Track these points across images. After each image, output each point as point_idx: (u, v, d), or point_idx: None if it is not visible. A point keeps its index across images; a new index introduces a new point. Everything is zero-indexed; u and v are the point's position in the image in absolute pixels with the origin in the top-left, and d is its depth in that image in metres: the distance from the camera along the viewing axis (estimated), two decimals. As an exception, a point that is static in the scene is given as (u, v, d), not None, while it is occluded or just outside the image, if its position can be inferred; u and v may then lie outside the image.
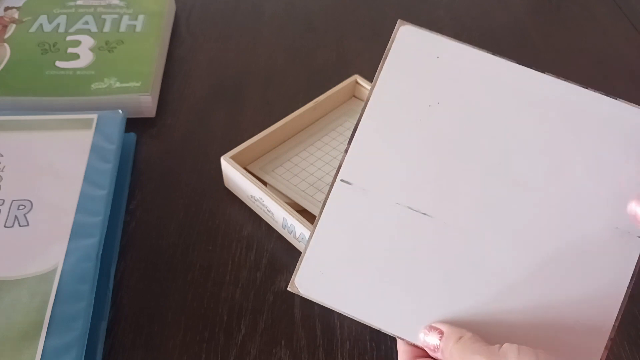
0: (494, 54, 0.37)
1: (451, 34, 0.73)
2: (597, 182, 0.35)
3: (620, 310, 0.34)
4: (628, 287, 0.34)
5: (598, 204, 0.35)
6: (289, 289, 0.35)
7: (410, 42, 0.37)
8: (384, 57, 0.37)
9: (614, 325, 0.34)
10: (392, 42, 0.37)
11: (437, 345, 0.33)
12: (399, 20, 0.37)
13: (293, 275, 0.35)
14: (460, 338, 0.32)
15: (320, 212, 0.36)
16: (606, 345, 0.34)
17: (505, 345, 0.30)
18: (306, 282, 0.35)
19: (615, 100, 0.36)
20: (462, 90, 0.36)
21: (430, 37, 0.37)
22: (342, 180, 0.36)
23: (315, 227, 0.35)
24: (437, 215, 0.35)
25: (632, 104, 0.36)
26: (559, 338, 0.34)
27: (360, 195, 0.35)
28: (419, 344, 0.34)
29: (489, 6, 0.79)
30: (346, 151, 0.36)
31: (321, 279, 0.35)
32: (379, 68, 0.37)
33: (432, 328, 0.33)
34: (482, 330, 0.33)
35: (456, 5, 0.79)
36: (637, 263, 0.34)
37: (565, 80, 0.37)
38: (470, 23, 0.76)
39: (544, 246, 0.35)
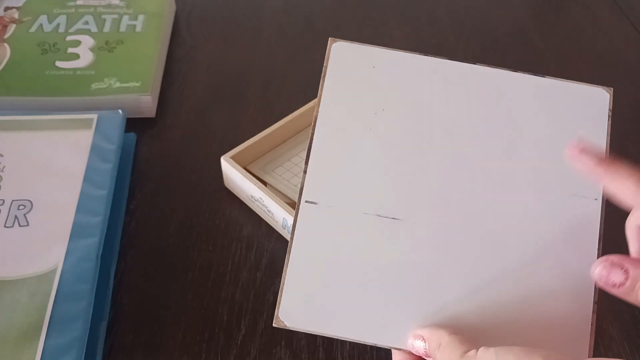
0: (424, 54, 0.38)
1: (451, 34, 0.74)
2: (547, 155, 0.36)
3: None
4: (598, 249, 0.35)
5: (552, 176, 0.36)
6: (274, 324, 0.34)
7: (344, 57, 0.38)
8: (322, 75, 0.38)
9: (595, 289, 0.34)
10: (327, 60, 0.38)
11: (425, 352, 0.33)
12: (330, 39, 0.38)
13: (276, 310, 0.34)
14: (439, 345, 0.32)
15: (291, 238, 0.35)
16: (593, 309, 0.34)
17: (481, 350, 0.30)
18: (291, 315, 0.34)
19: (543, 78, 0.38)
20: (403, 93, 0.37)
21: (362, 49, 0.38)
22: (306, 201, 0.35)
23: (288, 255, 0.35)
24: (406, 217, 0.35)
25: (556, 78, 0.38)
26: (546, 316, 0.34)
27: (327, 213, 0.35)
28: (410, 350, 0.34)
29: (489, 6, 0.79)
30: (305, 172, 0.36)
31: (305, 307, 0.34)
32: (320, 86, 0.38)
33: (416, 336, 0.33)
34: (468, 328, 0.33)
35: (456, 5, 0.79)
36: (600, 223, 0.35)
37: (496, 67, 0.38)
38: (470, 23, 0.76)
39: (513, 227, 0.35)
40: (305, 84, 0.65)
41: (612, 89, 0.38)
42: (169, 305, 0.45)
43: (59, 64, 0.61)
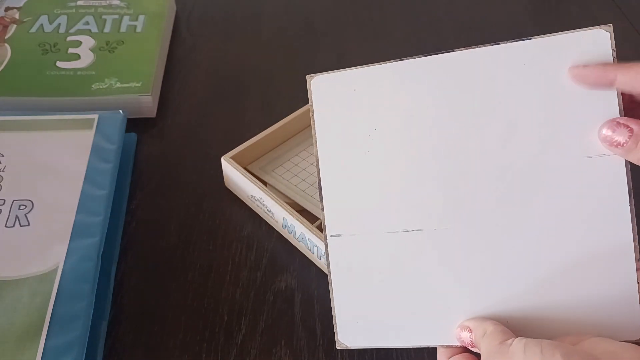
0: (400, 59, 0.37)
1: (451, 34, 0.74)
2: (554, 121, 0.34)
3: (633, 229, 0.33)
4: (631, 204, 0.33)
5: (562, 142, 0.34)
6: (337, 347, 0.37)
7: (325, 90, 0.38)
8: (311, 114, 0.38)
9: (635, 246, 0.33)
10: (311, 97, 0.38)
11: (471, 341, 0.34)
12: (307, 76, 0.39)
13: (335, 334, 0.38)
14: (484, 334, 0.33)
15: (329, 270, 0.38)
16: (638, 267, 0.33)
17: (515, 341, 0.31)
18: (348, 336, 0.37)
19: (530, 40, 0.34)
20: (389, 106, 0.37)
21: (338, 76, 0.38)
22: (331, 235, 0.38)
23: (330, 285, 0.38)
24: (424, 227, 0.36)
25: (543, 35, 0.34)
26: (588, 286, 0.34)
27: (353, 241, 0.37)
28: (459, 343, 0.35)
29: (488, 6, 0.79)
30: (322, 209, 0.38)
31: (358, 327, 0.37)
32: (312, 126, 0.38)
33: (462, 327, 0.35)
34: (509, 317, 0.34)
35: (456, 5, 0.79)
36: (627, 177, 0.33)
37: (475, 46, 0.36)
38: (470, 23, 0.76)
39: (536, 211, 0.34)
40: (305, 84, 0.65)
41: (611, 25, 0.33)
42: (169, 305, 0.45)
43: (59, 64, 0.61)
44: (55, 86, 0.59)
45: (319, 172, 0.38)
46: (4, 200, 0.46)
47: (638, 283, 0.33)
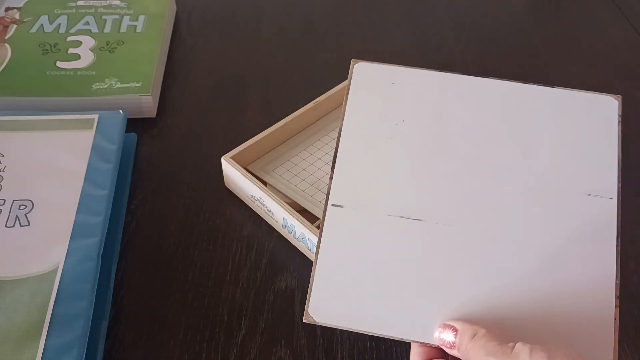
0: (438, 70, 0.41)
1: (451, 34, 0.74)
2: (561, 160, 0.38)
3: (617, 268, 0.36)
4: (617, 245, 0.36)
5: (567, 178, 0.38)
6: (304, 320, 0.36)
7: (365, 76, 0.41)
8: (346, 91, 0.41)
9: (616, 284, 0.35)
10: (350, 78, 0.41)
11: (453, 342, 0.33)
12: (352, 60, 0.42)
13: (305, 306, 0.36)
14: (474, 335, 0.32)
15: (319, 239, 0.37)
16: (616, 304, 0.35)
17: (518, 345, 0.30)
18: (319, 310, 0.36)
19: (553, 88, 0.41)
20: (421, 105, 0.40)
21: (382, 67, 0.42)
22: (333, 204, 0.38)
23: (317, 254, 0.37)
24: (428, 218, 0.37)
25: (565, 88, 0.41)
26: (570, 313, 0.35)
27: (352, 215, 0.37)
28: (436, 342, 0.34)
29: (488, 6, 0.79)
30: (331, 178, 0.38)
31: (332, 304, 0.36)
32: (344, 101, 0.41)
33: (446, 326, 0.34)
34: (494, 325, 0.34)
35: (456, 5, 0.79)
36: (617, 220, 0.37)
37: (507, 80, 0.41)
38: (470, 23, 0.76)
39: (532, 228, 0.37)
40: (305, 84, 0.65)
41: (620, 96, 0.40)
42: (169, 305, 0.45)
43: (59, 64, 0.61)
44: (56, 86, 0.59)
45: (337, 143, 0.39)
46: (4, 200, 0.46)
47: (615, 319, 0.35)
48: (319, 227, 0.37)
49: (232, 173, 0.51)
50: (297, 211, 0.46)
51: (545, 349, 0.29)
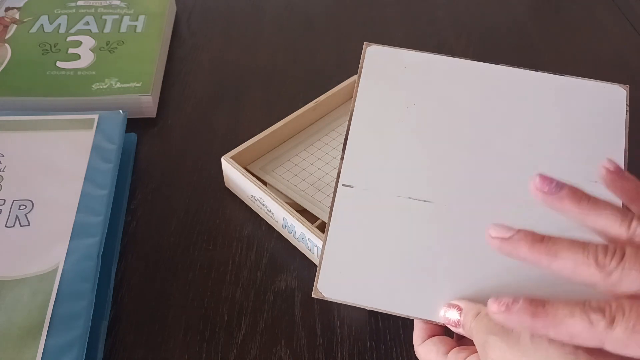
0: (451, 55, 0.42)
1: (451, 34, 0.74)
2: (568, 146, 0.39)
3: None
4: None
5: (573, 165, 0.38)
6: (313, 295, 0.36)
7: (378, 59, 0.42)
8: (358, 74, 0.41)
9: None
10: (363, 61, 0.42)
11: (457, 320, 0.34)
12: (365, 43, 0.43)
13: (315, 282, 0.36)
14: (478, 314, 0.33)
15: (330, 217, 0.38)
16: None
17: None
18: (328, 286, 0.36)
19: (562, 76, 0.41)
20: (432, 89, 0.41)
21: (394, 51, 0.43)
22: (343, 184, 0.38)
23: (327, 232, 0.37)
24: (437, 200, 0.38)
25: (574, 76, 0.42)
26: (572, 291, 0.34)
27: (362, 195, 0.38)
28: (441, 321, 0.35)
29: (489, 6, 0.79)
30: (342, 158, 0.39)
31: (341, 280, 0.37)
32: (355, 84, 0.41)
33: (451, 305, 0.35)
34: None
35: (456, 5, 0.79)
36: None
37: (518, 67, 0.42)
38: (470, 23, 0.76)
39: (540, 213, 0.35)
40: (305, 84, 0.65)
41: (628, 86, 0.41)
42: (169, 305, 0.45)
43: (59, 64, 0.61)
44: (56, 86, 0.59)
45: (349, 125, 0.40)
46: (4, 200, 0.46)
47: None
48: (330, 207, 0.38)
49: (232, 173, 0.51)
50: (297, 211, 0.46)
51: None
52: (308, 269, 0.47)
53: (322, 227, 0.46)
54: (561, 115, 0.40)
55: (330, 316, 0.44)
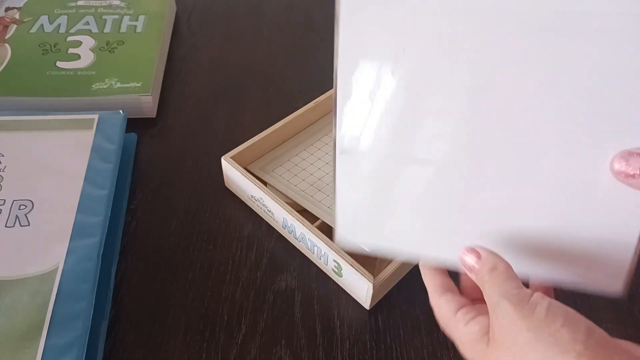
0: None
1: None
2: (591, 98, 0.31)
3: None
4: None
5: (588, 116, 0.31)
6: (334, 241, 0.38)
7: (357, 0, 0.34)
8: (335, 24, 0.35)
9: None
10: (339, 6, 0.34)
11: (473, 265, 0.33)
12: None
13: (334, 232, 0.38)
14: (493, 269, 0.32)
15: (334, 181, 0.38)
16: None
17: (536, 295, 0.29)
18: (348, 232, 0.38)
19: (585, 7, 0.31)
20: (423, 29, 0.33)
21: None
22: (340, 152, 0.37)
23: (334, 192, 0.38)
24: (437, 158, 0.35)
25: None
26: (588, 247, 0.34)
27: (361, 160, 0.37)
28: (459, 262, 0.34)
29: None
30: (334, 125, 0.37)
31: (358, 226, 0.38)
32: (335, 34, 0.35)
33: (471, 250, 0.34)
34: (510, 254, 0.34)
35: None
36: None
37: None
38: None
39: (547, 166, 0.33)
40: (305, 84, 0.65)
41: None
42: (169, 305, 0.45)
43: (59, 64, 0.61)
44: (56, 86, 0.59)
45: (335, 86, 0.35)
46: (4, 200, 0.46)
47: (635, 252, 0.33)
48: (333, 172, 0.38)
49: (232, 173, 0.51)
50: (297, 211, 0.46)
51: (563, 309, 0.28)
52: (308, 269, 0.47)
53: (322, 227, 0.46)
54: (586, 58, 0.30)
55: (330, 316, 0.44)
